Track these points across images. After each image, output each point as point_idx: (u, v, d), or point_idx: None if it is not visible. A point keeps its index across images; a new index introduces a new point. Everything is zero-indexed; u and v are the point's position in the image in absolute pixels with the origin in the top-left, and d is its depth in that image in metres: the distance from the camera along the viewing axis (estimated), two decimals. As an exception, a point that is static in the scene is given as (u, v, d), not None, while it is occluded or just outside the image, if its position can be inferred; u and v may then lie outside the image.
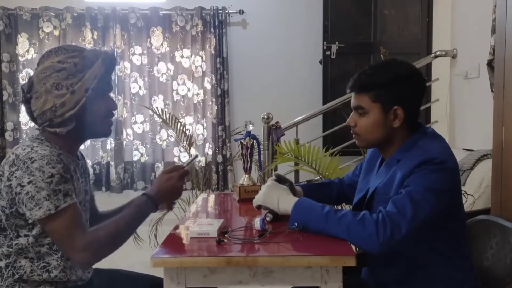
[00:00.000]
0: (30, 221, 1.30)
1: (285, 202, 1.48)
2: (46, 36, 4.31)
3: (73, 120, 1.36)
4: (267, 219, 1.54)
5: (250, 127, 2.00)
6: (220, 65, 4.40)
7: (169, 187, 1.48)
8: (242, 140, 1.99)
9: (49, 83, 1.34)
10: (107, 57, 1.41)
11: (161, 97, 4.45)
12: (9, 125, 4.35)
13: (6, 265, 1.35)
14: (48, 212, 1.26)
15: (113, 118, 1.50)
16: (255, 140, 2.01)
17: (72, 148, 1.45)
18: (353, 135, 1.55)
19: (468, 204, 2.54)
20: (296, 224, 1.41)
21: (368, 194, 1.52)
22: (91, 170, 4.35)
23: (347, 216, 1.36)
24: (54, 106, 1.34)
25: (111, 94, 1.52)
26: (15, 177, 1.28)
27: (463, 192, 2.40)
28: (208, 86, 4.45)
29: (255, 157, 2.11)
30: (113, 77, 1.59)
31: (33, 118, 1.41)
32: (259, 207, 1.56)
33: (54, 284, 1.38)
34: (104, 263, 1.62)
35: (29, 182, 1.26)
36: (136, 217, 1.42)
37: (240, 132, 4.08)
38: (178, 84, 4.45)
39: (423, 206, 1.33)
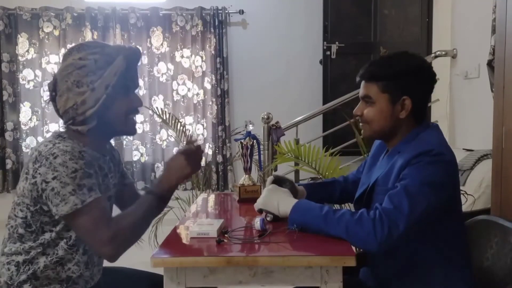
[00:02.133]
0: (56, 217, 1.29)
1: (284, 204, 1.48)
2: (46, 36, 4.31)
3: (94, 118, 1.36)
4: (268, 219, 1.54)
5: (250, 127, 2.00)
6: (220, 65, 4.40)
7: (175, 170, 1.43)
8: (242, 140, 1.98)
9: (70, 81, 1.34)
10: (130, 53, 1.40)
11: (161, 97, 4.46)
12: (9, 125, 4.35)
13: (24, 260, 1.35)
14: (74, 207, 1.26)
15: (138, 115, 1.48)
16: (255, 140, 2.00)
17: (98, 145, 1.44)
18: (360, 124, 1.55)
19: (468, 204, 2.54)
20: (295, 225, 1.41)
21: (369, 187, 1.52)
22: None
23: (345, 216, 1.36)
24: (75, 104, 1.34)
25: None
26: (39, 173, 1.28)
27: (463, 192, 2.40)
28: (208, 86, 4.45)
29: (255, 157, 2.11)
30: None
31: (60, 116, 1.41)
32: (260, 211, 1.56)
33: (65, 282, 1.38)
34: (104, 262, 1.63)
35: (53, 178, 1.26)
36: (150, 208, 1.40)
37: (240, 132, 4.08)
38: (178, 84, 4.45)
39: (420, 201, 1.32)
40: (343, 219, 1.35)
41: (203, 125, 4.48)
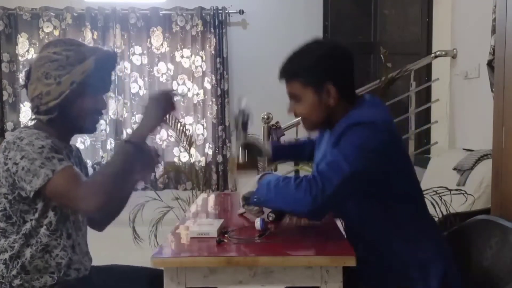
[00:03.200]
0: (31, 194, 1.30)
1: (250, 186, 1.47)
2: (46, 36, 4.31)
3: (56, 110, 1.40)
4: (270, 219, 1.55)
5: (243, 104, 1.99)
6: (220, 65, 4.40)
7: (147, 116, 1.46)
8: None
9: (40, 71, 1.39)
10: (103, 56, 1.43)
11: (161, 97, 4.45)
12: (9, 125, 4.34)
13: (11, 256, 1.36)
14: (46, 177, 1.28)
15: (101, 116, 1.52)
16: (248, 115, 1.98)
17: (62, 138, 1.47)
18: (302, 122, 1.57)
19: (468, 204, 2.54)
20: (255, 198, 1.39)
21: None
22: (91, 170, 4.33)
23: (289, 183, 1.34)
24: (41, 94, 1.39)
25: (112, 94, 1.52)
26: (9, 158, 1.31)
27: (463, 192, 2.40)
28: (208, 86, 4.45)
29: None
30: (112, 77, 1.58)
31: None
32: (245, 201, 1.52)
33: (56, 272, 1.39)
34: (103, 261, 1.63)
35: (21, 158, 1.29)
36: (123, 157, 1.37)
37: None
38: (178, 84, 4.45)
39: (354, 162, 1.30)
40: (286, 186, 1.34)
41: (203, 125, 4.48)
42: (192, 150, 4.14)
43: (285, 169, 3.45)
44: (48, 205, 1.37)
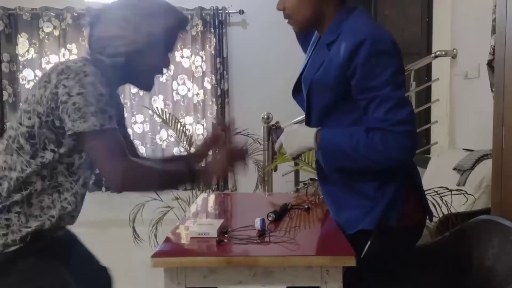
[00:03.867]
0: (69, 132, 1.26)
1: (304, 137, 1.46)
2: (46, 36, 4.31)
3: (123, 56, 1.35)
4: (270, 219, 1.55)
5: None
6: (220, 65, 4.40)
7: (216, 170, 1.47)
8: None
9: (119, 14, 1.35)
10: (180, 15, 1.44)
11: (161, 97, 4.45)
12: (9, 125, 4.34)
13: (18, 178, 1.31)
14: (93, 127, 1.24)
15: (159, 76, 1.51)
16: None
17: (114, 85, 1.45)
18: (287, 22, 1.55)
19: (468, 204, 2.54)
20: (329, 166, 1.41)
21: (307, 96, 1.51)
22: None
23: (368, 145, 1.34)
24: (113, 36, 1.34)
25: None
26: (63, 85, 1.25)
27: (463, 192, 2.40)
28: (208, 86, 4.45)
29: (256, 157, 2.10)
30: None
31: (89, 46, 1.40)
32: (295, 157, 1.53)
33: (56, 218, 1.35)
34: (103, 261, 1.62)
35: (78, 93, 1.24)
36: (174, 177, 1.43)
37: (240, 132, 4.09)
38: (178, 84, 4.45)
39: (397, 87, 1.34)
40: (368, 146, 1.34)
41: (203, 125, 4.48)
42: (192, 150, 4.14)
43: (285, 169, 3.45)
44: (76, 148, 1.33)
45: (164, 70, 1.49)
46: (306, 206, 1.76)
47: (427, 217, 1.53)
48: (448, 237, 1.71)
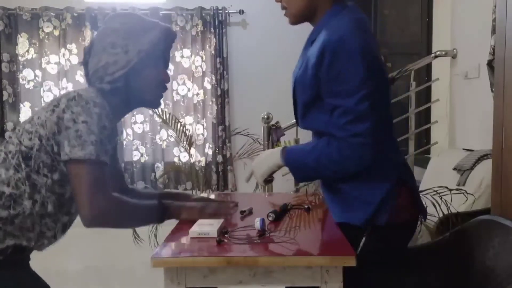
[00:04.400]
0: (65, 157, 1.27)
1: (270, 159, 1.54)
2: (46, 36, 4.31)
3: (122, 80, 1.38)
4: (270, 219, 1.54)
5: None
6: (220, 65, 4.40)
7: (196, 212, 1.56)
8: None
9: (106, 42, 1.38)
10: (165, 28, 1.45)
11: (161, 97, 4.45)
12: (9, 125, 4.34)
13: (10, 194, 1.30)
14: (88, 155, 1.26)
15: (164, 92, 1.52)
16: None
17: (120, 112, 1.47)
18: (284, 14, 1.58)
19: (468, 204, 2.54)
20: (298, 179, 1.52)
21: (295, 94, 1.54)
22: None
23: (330, 155, 1.39)
24: (106, 64, 1.37)
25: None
26: (71, 111, 1.28)
27: (463, 191, 2.40)
28: (208, 86, 4.45)
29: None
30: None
31: (88, 81, 1.44)
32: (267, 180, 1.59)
33: (33, 239, 1.34)
34: (103, 260, 1.61)
35: (83, 121, 1.27)
36: (146, 216, 1.46)
37: (240, 132, 4.09)
38: (178, 84, 4.45)
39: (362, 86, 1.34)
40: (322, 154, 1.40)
41: (203, 125, 4.48)
42: (192, 150, 4.14)
43: (286, 169, 3.44)
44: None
45: (167, 85, 1.52)
46: (306, 206, 1.76)
47: (421, 216, 1.54)
48: (448, 237, 1.72)
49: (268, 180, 1.58)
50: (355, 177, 1.43)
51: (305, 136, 4.11)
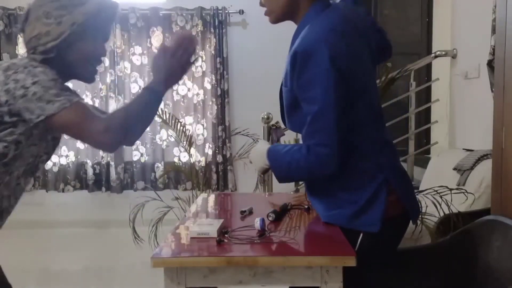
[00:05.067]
0: (41, 118, 1.25)
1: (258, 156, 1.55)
2: (46, 36, 4.31)
3: (53, 51, 1.35)
4: (270, 219, 1.54)
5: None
6: (220, 65, 4.40)
7: (167, 69, 1.47)
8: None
9: (40, 11, 1.35)
10: (106, 2, 1.41)
11: (161, 97, 4.45)
12: (9, 125, 4.34)
13: None
14: (62, 106, 1.25)
15: (99, 66, 1.48)
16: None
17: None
18: (264, 14, 1.60)
19: (468, 204, 2.54)
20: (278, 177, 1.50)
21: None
22: (91, 170, 4.35)
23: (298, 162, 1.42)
24: (39, 34, 1.34)
25: (112, 94, 1.51)
26: (14, 80, 1.26)
27: (463, 191, 2.40)
28: (208, 86, 4.45)
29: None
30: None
31: (26, 47, 1.41)
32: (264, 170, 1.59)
33: None
34: (104, 260, 1.61)
35: (33, 83, 1.25)
36: (145, 101, 1.40)
37: (240, 132, 4.09)
38: (178, 84, 4.45)
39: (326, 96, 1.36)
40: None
41: (203, 125, 4.48)
42: (192, 150, 4.14)
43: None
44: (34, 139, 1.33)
45: (102, 59, 1.47)
46: (306, 206, 1.76)
47: (411, 217, 1.53)
48: (451, 238, 1.71)
49: (266, 170, 1.59)
50: (335, 179, 1.44)
51: (305, 136, 4.08)
